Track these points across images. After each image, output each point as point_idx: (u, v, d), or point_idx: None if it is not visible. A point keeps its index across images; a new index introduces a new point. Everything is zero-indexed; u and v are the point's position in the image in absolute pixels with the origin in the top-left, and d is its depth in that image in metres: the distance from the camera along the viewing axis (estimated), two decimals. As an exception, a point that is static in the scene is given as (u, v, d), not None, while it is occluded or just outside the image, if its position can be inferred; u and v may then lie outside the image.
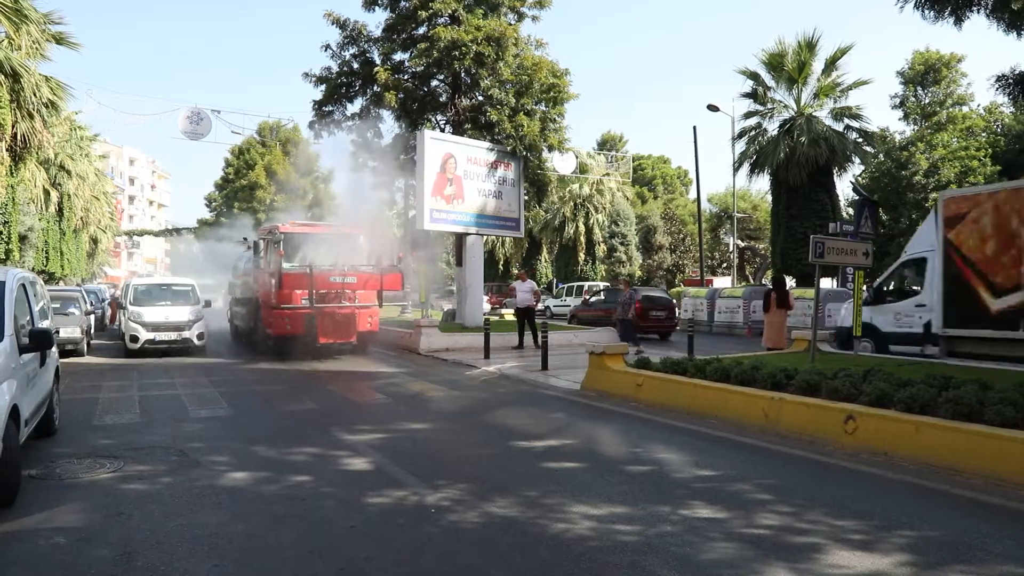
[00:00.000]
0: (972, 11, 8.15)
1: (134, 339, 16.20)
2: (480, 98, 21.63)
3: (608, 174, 46.46)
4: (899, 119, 41.32)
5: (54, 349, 7.65)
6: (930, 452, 6.43)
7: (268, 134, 58.37)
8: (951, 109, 39.39)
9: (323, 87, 22.34)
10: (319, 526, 4.93)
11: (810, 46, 28.66)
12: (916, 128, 39.74)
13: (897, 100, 40.91)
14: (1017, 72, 8.91)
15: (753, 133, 30.33)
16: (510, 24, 21.50)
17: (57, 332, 8.72)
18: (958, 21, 8.16)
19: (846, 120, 29.21)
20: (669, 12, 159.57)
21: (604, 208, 45.49)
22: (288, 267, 15.70)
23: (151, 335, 16.21)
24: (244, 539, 4.70)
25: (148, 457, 6.85)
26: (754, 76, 29.73)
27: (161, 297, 17.46)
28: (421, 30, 21.25)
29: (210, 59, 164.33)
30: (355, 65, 22.29)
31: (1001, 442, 5.99)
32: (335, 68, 22.40)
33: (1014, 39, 8.38)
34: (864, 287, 12.51)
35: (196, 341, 16.66)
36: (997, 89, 9.26)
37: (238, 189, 58.84)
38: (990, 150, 37.27)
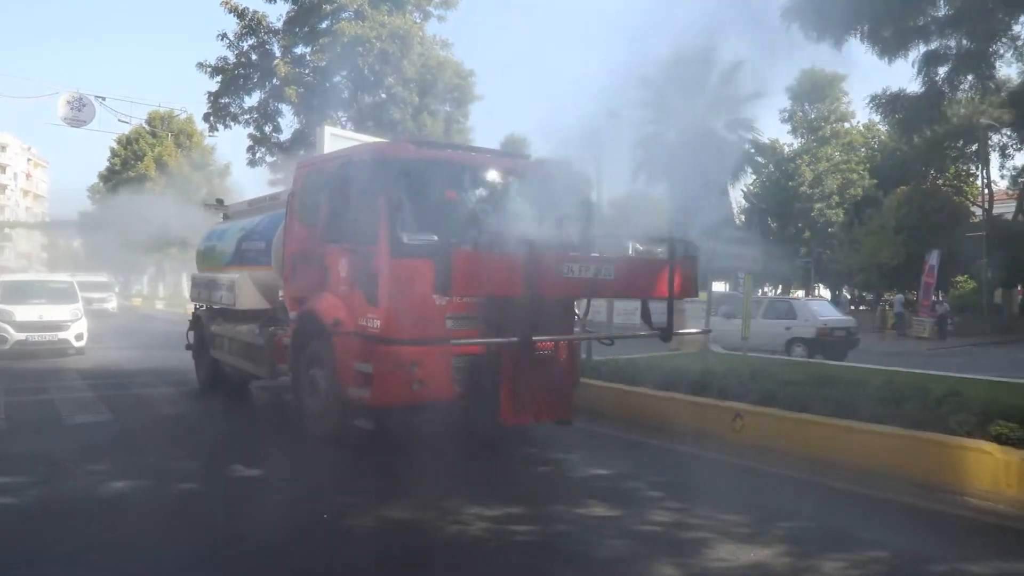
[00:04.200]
0: (849, 36, 8.67)
1: (3, 340, 15.02)
2: (383, 96, 21.36)
3: (513, 176, 46.80)
4: (788, 132, 43.58)
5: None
6: (810, 447, 6.80)
7: (159, 124, 55.47)
8: (834, 125, 41.95)
9: (219, 78, 21.44)
10: (206, 535, 4.71)
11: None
12: (803, 141, 42.10)
13: (786, 115, 43.21)
14: (889, 93, 9.57)
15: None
16: (416, 22, 21.37)
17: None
18: (836, 43, 8.65)
19: (739, 132, 30.63)
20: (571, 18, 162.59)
21: (509, 210, 45.77)
22: (462, 245, 6.19)
23: (22, 335, 15.08)
24: (123, 551, 4.42)
25: (13, 468, 6.31)
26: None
27: (35, 295, 16.26)
28: (324, 24, 20.79)
29: (93, 42, 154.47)
30: (253, 56, 21.53)
31: (870, 436, 6.42)
32: (232, 59, 21.55)
33: (886, 64, 8.96)
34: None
35: (74, 342, 15.62)
36: (872, 108, 9.91)
37: (125, 181, 55.53)
38: (868, 164, 40.07)
